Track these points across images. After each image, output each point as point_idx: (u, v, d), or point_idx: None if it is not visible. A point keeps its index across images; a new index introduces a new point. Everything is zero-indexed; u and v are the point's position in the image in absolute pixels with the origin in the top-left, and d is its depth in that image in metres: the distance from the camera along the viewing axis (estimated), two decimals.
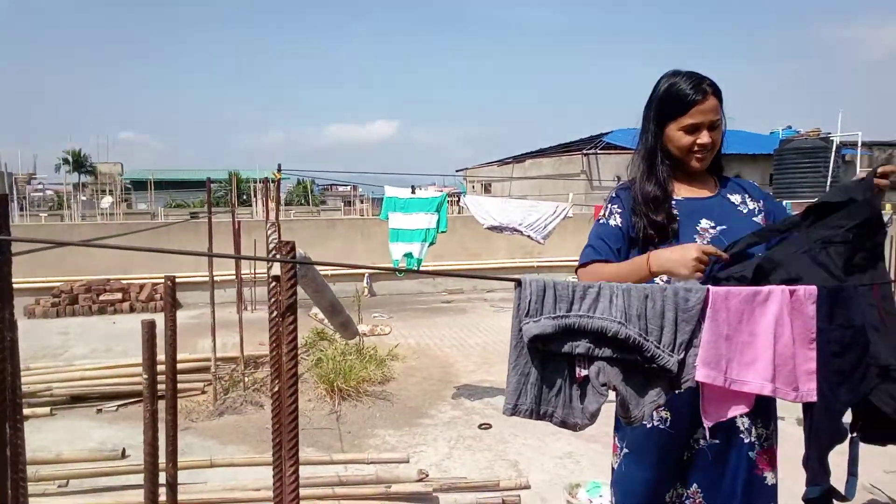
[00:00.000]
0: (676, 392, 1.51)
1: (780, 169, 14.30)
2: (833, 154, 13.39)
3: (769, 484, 1.87)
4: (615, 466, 2.01)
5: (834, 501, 1.68)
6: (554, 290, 1.37)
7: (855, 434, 1.65)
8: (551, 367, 1.40)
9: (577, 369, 1.41)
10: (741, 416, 1.81)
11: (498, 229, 4.89)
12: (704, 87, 1.80)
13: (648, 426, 1.87)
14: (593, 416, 1.43)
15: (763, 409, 1.85)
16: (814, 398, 1.54)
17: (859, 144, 14.69)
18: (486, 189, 22.56)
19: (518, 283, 1.35)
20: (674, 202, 1.90)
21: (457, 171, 26.37)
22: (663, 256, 1.73)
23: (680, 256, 1.68)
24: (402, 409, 5.50)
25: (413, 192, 5.18)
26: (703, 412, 1.54)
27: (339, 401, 5.68)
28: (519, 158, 21.62)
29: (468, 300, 11.50)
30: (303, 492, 2.56)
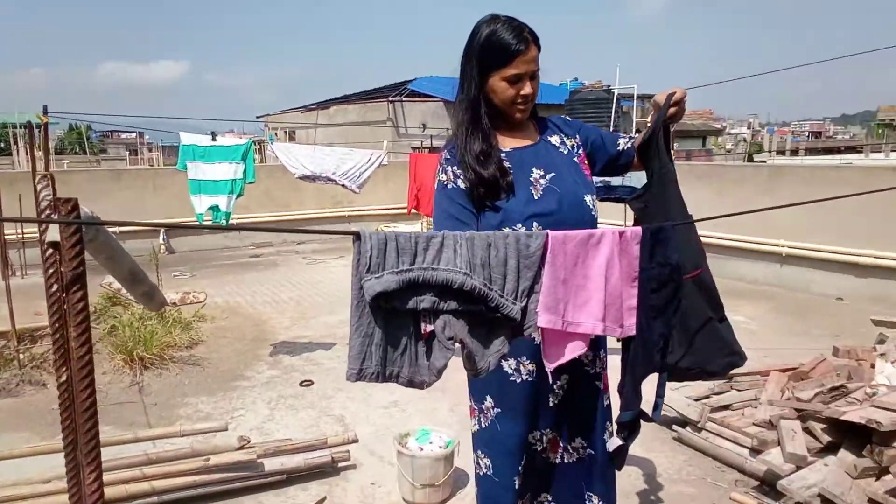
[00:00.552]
0: (523, 338, 1.51)
1: (571, 118, 15.41)
2: (614, 104, 14.72)
3: (607, 405, 2.02)
4: (481, 428, 1.97)
5: (642, 422, 1.82)
6: (396, 242, 1.25)
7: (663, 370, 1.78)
8: (395, 324, 1.30)
9: (423, 325, 1.33)
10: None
11: (310, 178, 4.64)
12: (526, 36, 1.76)
13: (518, 381, 1.88)
14: (440, 372, 1.36)
15: (599, 339, 1.94)
16: (633, 332, 1.62)
17: (635, 97, 16.28)
18: (291, 137, 21.66)
19: (357, 236, 1.22)
20: (503, 154, 1.85)
21: (258, 117, 24.94)
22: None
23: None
24: (215, 373, 5.14)
25: (213, 138, 4.72)
26: (545, 355, 1.55)
27: (141, 370, 5.16)
28: (323, 105, 20.98)
29: (278, 253, 11.05)
30: (106, 477, 2.24)
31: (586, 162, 1.99)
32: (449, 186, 1.84)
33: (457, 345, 1.37)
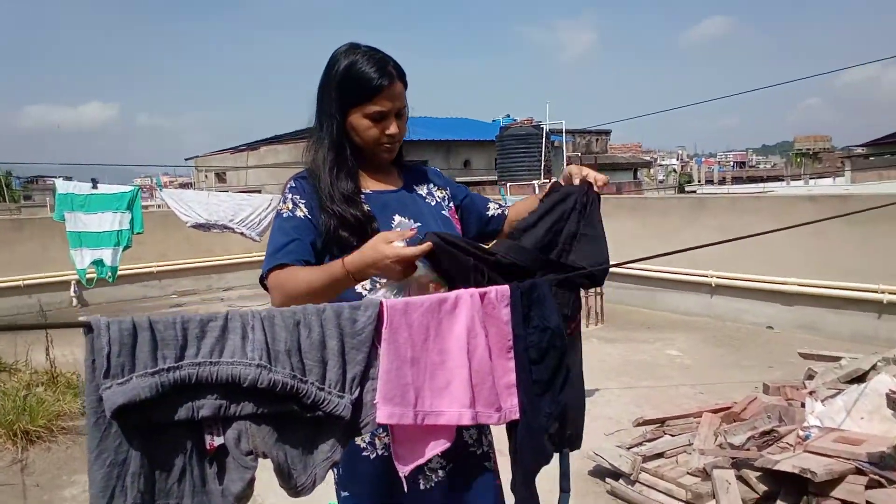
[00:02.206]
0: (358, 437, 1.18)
1: (502, 154, 15.39)
2: (544, 140, 14.78)
3: (499, 494, 1.68)
4: None
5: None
6: (151, 330, 0.92)
7: (565, 448, 1.47)
8: (163, 443, 0.96)
9: (207, 437, 0.99)
10: (466, 428, 1.57)
11: (205, 227, 4.25)
12: (390, 70, 1.55)
13: (372, 456, 1.53)
14: (240, 499, 1.02)
15: None
16: (517, 415, 1.32)
17: (564, 132, 16.44)
18: (221, 178, 20.98)
19: (87, 328, 0.88)
20: (363, 196, 1.60)
21: (186, 159, 24.16)
22: (358, 257, 1.37)
23: (373, 255, 1.34)
24: None
25: (95, 186, 4.27)
26: (395, 457, 1.22)
27: (26, 445, 4.58)
28: (254, 146, 20.47)
29: (202, 302, 10.44)
30: None
31: (457, 217, 1.75)
32: (285, 215, 1.55)
33: (262, 459, 1.03)
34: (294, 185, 1.61)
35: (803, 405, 3.41)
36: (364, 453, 1.54)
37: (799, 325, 6.43)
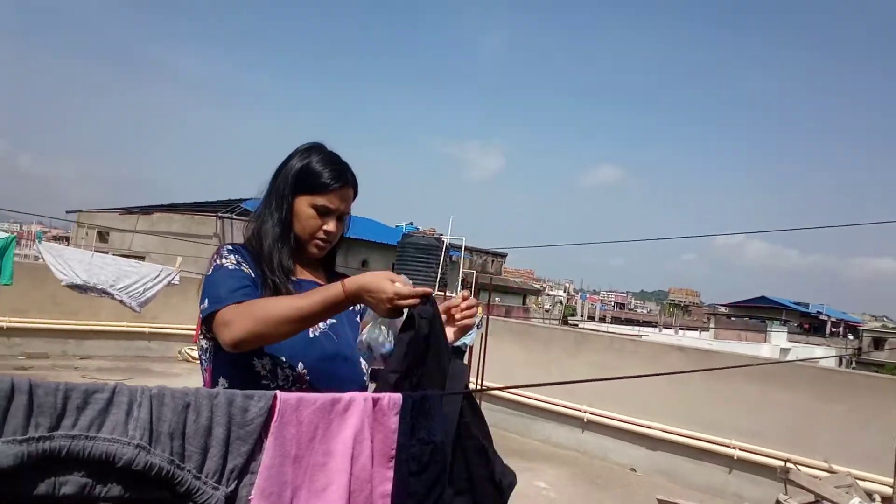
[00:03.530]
0: None
1: (401, 259, 15.65)
2: (444, 253, 15.20)
3: None
4: None
5: None
6: (29, 395, 0.87)
7: None
8: None
9: None
10: None
11: (81, 289, 3.99)
12: (349, 176, 1.69)
13: None
14: None
15: None
16: None
17: (463, 248, 17.00)
18: (103, 238, 19.82)
19: None
20: (294, 281, 1.64)
21: (68, 212, 22.72)
22: (358, 279, 1.41)
23: (374, 282, 1.38)
24: None
25: None
26: None
27: None
28: (147, 210, 19.66)
29: (52, 367, 9.49)
30: None
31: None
32: (230, 266, 1.54)
33: None
34: (231, 248, 1.62)
35: None
36: None
37: (659, 470, 6.70)
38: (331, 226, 1.66)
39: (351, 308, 1.74)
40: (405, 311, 1.40)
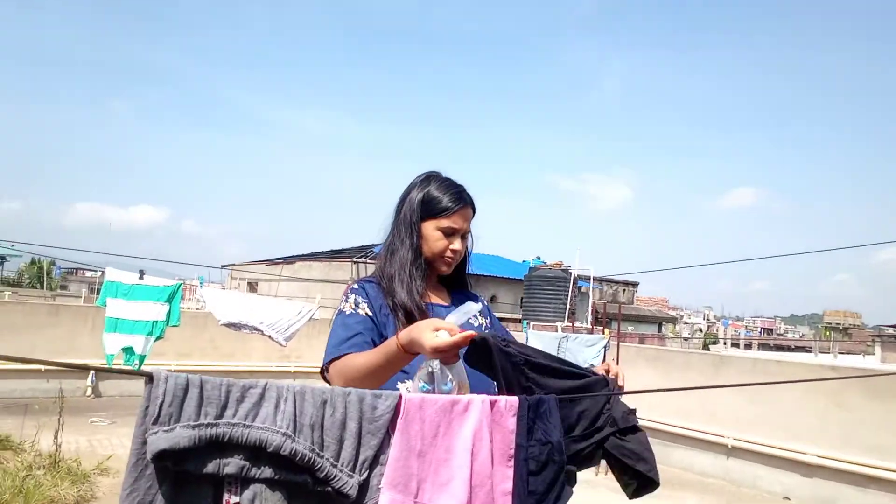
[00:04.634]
0: None
1: (528, 293, 15.61)
2: (571, 284, 15.03)
3: None
4: None
5: None
6: (201, 388, 1.06)
7: None
8: (189, 492, 1.06)
9: (226, 495, 1.09)
10: None
11: (236, 327, 4.43)
12: (465, 196, 1.83)
13: None
14: None
15: None
16: None
17: (591, 279, 16.69)
18: (253, 288, 21.51)
19: (150, 377, 1.02)
20: (426, 305, 1.78)
21: (223, 266, 24.93)
22: (406, 332, 1.51)
23: (417, 335, 1.47)
24: None
25: (141, 277, 4.53)
26: None
27: None
28: (289, 260, 21.12)
29: None
30: None
31: None
32: (347, 312, 1.71)
33: None
34: (357, 287, 1.78)
35: None
36: None
37: (818, 499, 6.17)
38: (457, 244, 1.81)
39: (476, 325, 1.87)
40: (459, 354, 1.48)
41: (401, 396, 1.27)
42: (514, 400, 1.43)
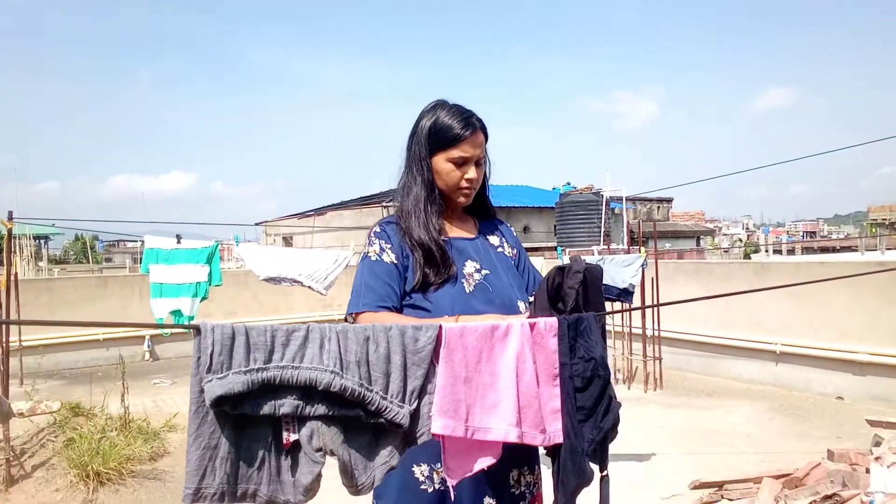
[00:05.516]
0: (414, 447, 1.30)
1: (561, 220, 15.54)
2: (604, 207, 14.87)
3: None
4: None
5: None
6: (247, 336, 1.09)
7: (605, 473, 1.55)
8: (249, 434, 1.11)
9: (285, 433, 1.14)
10: (511, 468, 1.67)
11: (276, 280, 4.53)
12: (474, 122, 1.75)
13: (430, 490, 1.64)
14: (309, 491, 1.16)
15: (525, 454, 1.72)
16: (560, 439, 1.42)
17: (624, 199, 16.50)
18: (287, 242, 21.84)
19: (197, 330, 1.06)
20: (446, 241, 1.76)
21: (256, 223, 25.31)
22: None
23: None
24: (177, 488, 4.79)
25: (178, 241, 4.63)
26: (445, 468, 1.34)
27: (97, 486, 4.82)
28: (320, 211, 21.30)
29: None
30: None
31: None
32: (373, 258, 1.72)
33: (329, 457, 1.17)
34: (379, 230, 1.77)
35: (868, 471, 3.30)
36: (422, 486, 1.64)
37: (871, 396, 6.16)
38: (471, 173, 1.75)
39: (506, 256, 1.86)
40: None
41: (441, 327, 1.29)
42: (553, 321, 1.44)
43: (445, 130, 1.73)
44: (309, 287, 4.54)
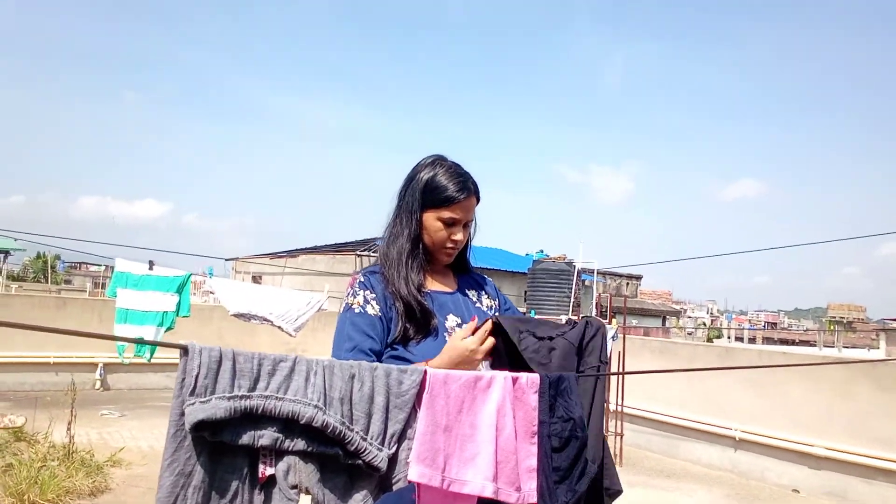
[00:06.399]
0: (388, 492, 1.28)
1: (532, 286, 15.64)
2: (575, 277, 15.05)
3: None
4: None
5: None
6: (234, 361, 1.08)
7: None
8: (225, 463, 1.08)
9: (261, 466, 1.11)
10: None
11: (245, 317, 4.45)
12: (470, 186, 1.77)
13: None
14: None
15: None
16: (534, 499, 1.40)
17: (595, 272, 16.74)
18: (257, 281, 21.56)
19: (185, 350, 1.04)
20: (425, 293, 1.76)
21: (227, 259, 24.98)
22: (445, 358, 1.55)
23: (459, 352, 1.54)
24: None
25: (151, 268, 4.56)
26: None
27: None
28: (293, 253, 21.16)
29: None
30: None
31: None
32: (356, 310, 1.69)
33: (303, 495, 1.14)
34: (364, 280, 1.74)
35: None
36: None
37: (826, 492, 6.18)
38: (458, 235, 1.77)
39: (484, 309, 1.87)
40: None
41: (426, 371, 1.29)
42: (535, 377, 1.44)
43: (441, 190, 1.74)
44: (279, 327, 4.47)
